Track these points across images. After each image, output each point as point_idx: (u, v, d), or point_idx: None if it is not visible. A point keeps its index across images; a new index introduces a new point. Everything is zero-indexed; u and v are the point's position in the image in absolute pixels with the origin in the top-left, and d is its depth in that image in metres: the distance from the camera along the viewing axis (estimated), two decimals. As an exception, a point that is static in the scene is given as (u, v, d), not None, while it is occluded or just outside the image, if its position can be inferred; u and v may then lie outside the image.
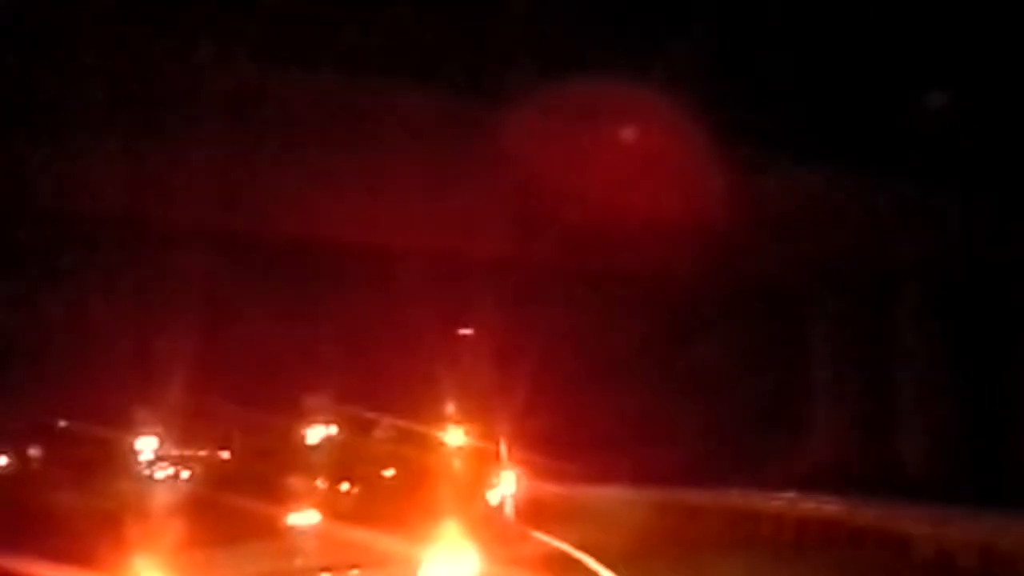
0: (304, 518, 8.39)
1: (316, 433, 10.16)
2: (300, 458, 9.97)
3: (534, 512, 23.92)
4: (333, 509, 8.94)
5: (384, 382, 29.91)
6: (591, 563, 19.29)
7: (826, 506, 19.59)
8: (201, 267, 27.84)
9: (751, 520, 22.70)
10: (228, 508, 8.45)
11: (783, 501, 20.94)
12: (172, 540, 8.42)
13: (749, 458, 26.13)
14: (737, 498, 23.22)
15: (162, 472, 37.20)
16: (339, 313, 30.39)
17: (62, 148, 18.75)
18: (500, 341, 32.45)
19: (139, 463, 38.87)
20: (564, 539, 23.19)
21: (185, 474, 26.85)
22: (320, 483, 9.56)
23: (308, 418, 11.38)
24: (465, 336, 32.52)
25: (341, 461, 9.86)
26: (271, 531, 8.20)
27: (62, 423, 36.77)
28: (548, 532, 23.44)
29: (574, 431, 32.57)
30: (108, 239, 25.15)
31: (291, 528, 8.33)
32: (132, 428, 37.59)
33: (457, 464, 10.12)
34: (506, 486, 20.44)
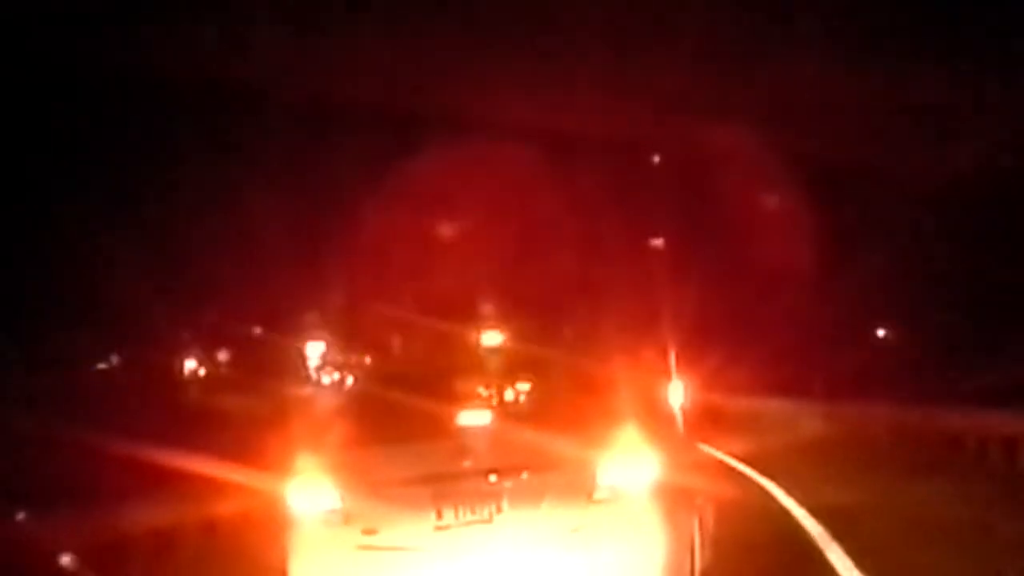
0: (474, 418, 8.06)
1: (488, 338, 9.91)
2: (471, 362, 9.69)
3: (704, 425, 23.28)
4: (505, 411, 8.61)
5: (560, 290, 29.53)
6: (765, 482, 18.64)
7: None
8: (371, 168, 27.66)
9: (958, 442, 20.79)
10: (396, 408, 8.17)
11: (999, 419, 19.09)
12: (338, 440, 8.18)
13: (955, 370, 24.31)
14: (954, 417, 21.35)
15: (328, 377, 38.40)
16: (516, 217, 29.90)
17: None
18: (678, 251, 31.69)
19: (308, 368, 40.17)
20: (734, 455, 22.54)
21: (350, 380, 27.22)
22: (487, 388, 9.23)
23: (480, 323, 11.14)
24: (651, 247, 31.82)
25: (514, 365, 9.55)
26: (439, 431, 7.88)
27: (256, 329, 38.35)
28: (718, 447, 22.87)
29: (756, 340, 31.28)
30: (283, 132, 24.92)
31: (461, 429, 8.01)
32: (302, 334, 38.76)
33: (629, 373, 9.70)
34: (675, 396, 19.92)
